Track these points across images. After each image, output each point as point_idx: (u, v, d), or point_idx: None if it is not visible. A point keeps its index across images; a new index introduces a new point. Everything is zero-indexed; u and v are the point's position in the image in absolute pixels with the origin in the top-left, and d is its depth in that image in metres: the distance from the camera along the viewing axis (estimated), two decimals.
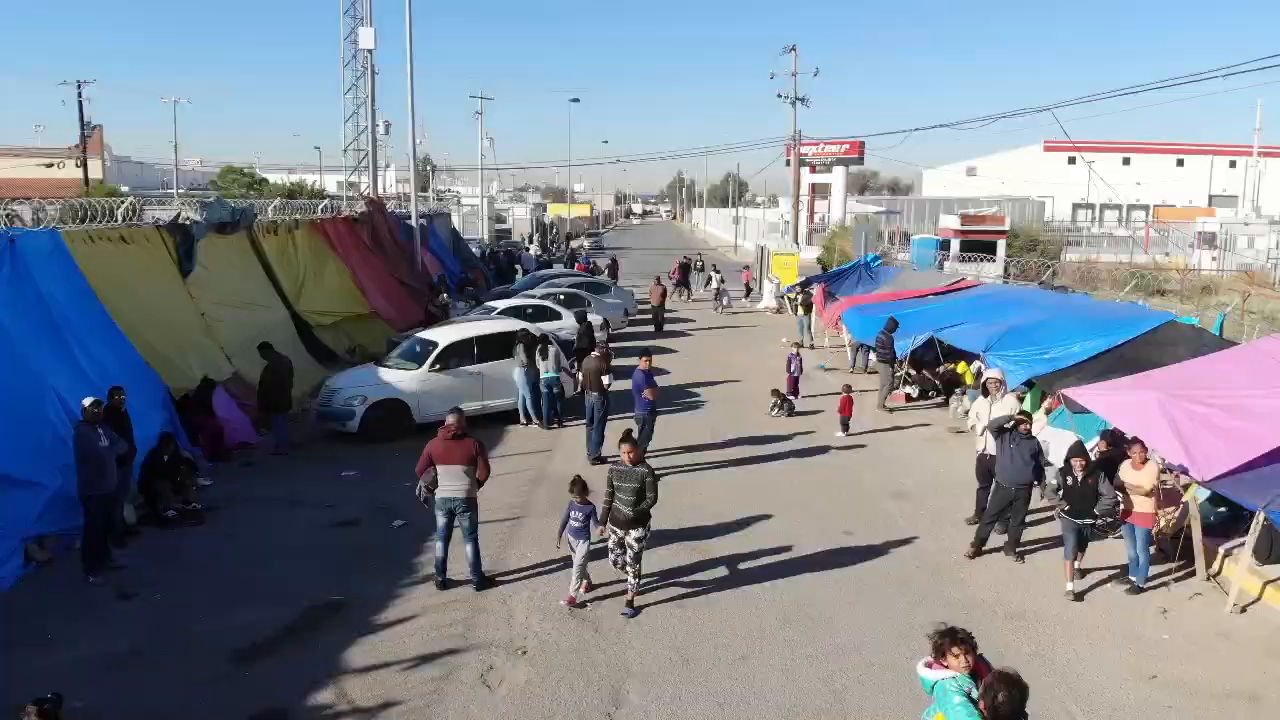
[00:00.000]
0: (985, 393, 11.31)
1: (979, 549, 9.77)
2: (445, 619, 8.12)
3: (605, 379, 13.41)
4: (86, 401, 9.53)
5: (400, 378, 14.58)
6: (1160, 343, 13.70)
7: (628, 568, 8.50)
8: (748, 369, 20.28)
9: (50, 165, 62.71)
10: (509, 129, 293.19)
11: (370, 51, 37.67)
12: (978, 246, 36.47)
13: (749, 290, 34.91)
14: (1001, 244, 37.42)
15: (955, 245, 37.01)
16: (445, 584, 8.81)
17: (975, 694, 4.28)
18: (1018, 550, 9.79)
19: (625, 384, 13.69)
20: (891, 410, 16.54)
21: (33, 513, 9.86)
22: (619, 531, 8.44)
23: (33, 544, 9.71)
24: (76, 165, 55.84)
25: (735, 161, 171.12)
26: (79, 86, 55.66)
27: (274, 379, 13.72)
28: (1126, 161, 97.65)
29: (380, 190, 35.88)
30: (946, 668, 4.48)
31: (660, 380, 15.50)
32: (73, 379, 11.50)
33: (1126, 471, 9.19)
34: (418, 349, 15.26)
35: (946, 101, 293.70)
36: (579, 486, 8.63)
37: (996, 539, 10.01)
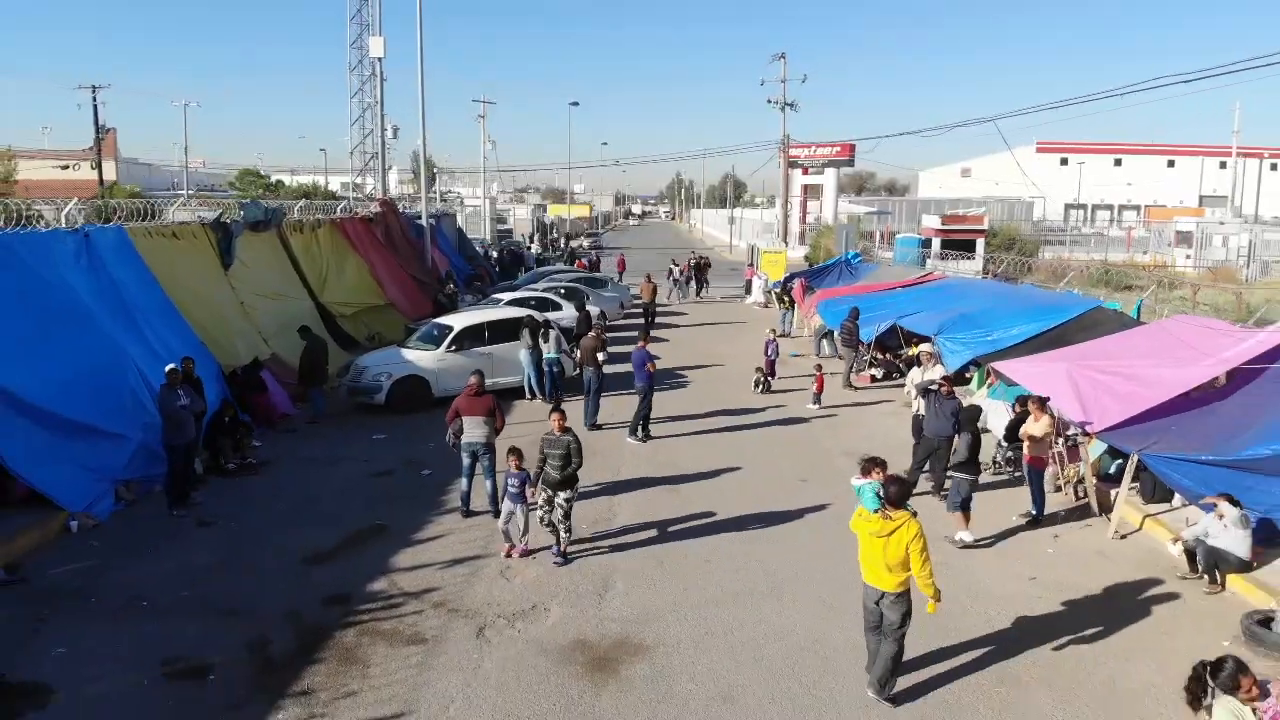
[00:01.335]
0: (919, 363, 13.25)
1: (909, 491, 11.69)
2: (470, 537, 10.06)
3: (600, 356, 15.35)
4: (168, 368, 11.49)
5: (421, 357, 16.54)
6: (1087, 325, 15.64)
7: (557, 525, 9.47)
8: (731, 355, 22.19)
9: (66, 167, 64.69)
10: (510, 130, 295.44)
11: (380, 60, 39.53)
12: (957, 245, 38.33)
13: (749, 287, 36.76)
14: (980, 242, 39.29)
15: (936, 244, 38.91)
16: (468, 513, 10.74)
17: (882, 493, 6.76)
18: (941, 492, 11.72)
19: (624, 367, 15.58)
20: (857, 389, 18.48)
21: (121, 460, 11.83)
22: (549, 491, 9.43)
23: (121, 486, 11.65)
24: (91, 167, 57.83)
25: (731, 163, 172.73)
26: (94, 91, 57.66)
27: (312, 356, 15.67)
28: (1118, 163, 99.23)
29: (384, 192, 37.80)
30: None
31: None
32: (144, 353, 13.46)
33: (1028, 423, 11.13)
34: (435, 332, 17.23)
35: (944, 102, 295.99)
36: (516, 454, 9.65)
37: (926, 485, 11.96)
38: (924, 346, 13.59)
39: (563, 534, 9.58)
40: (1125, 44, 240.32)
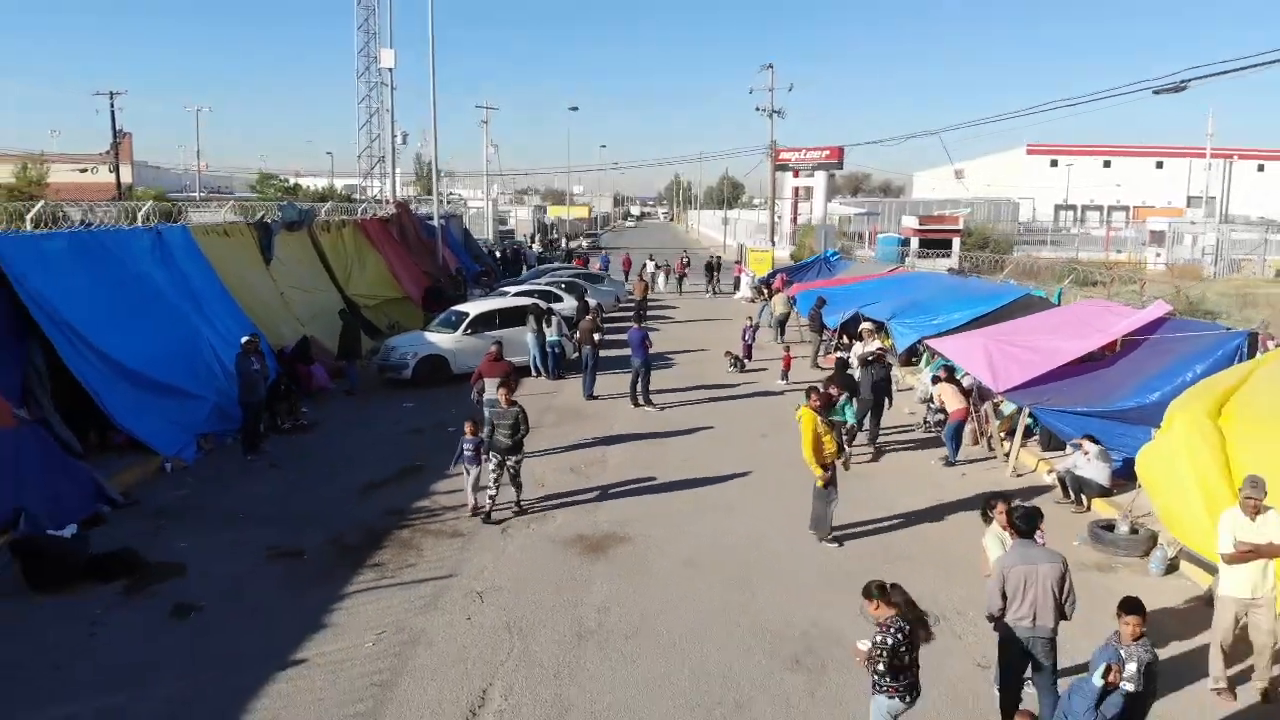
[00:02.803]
0: (861, 339, 15.75)
1: (851, 440, 14.19)
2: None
3: (596, 336, 17.86)
4: (244, 339, 13.99)
5: (441, 339, 19.07)
6: (1017, 309, 18.13)
7: (509, 484, 10.90)
8: (716, 343, 24.61)
9: (84, 170, 67.19)
10: (510, 133, 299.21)
11: (390, 70, 41.92)
12: (935, 244, 40.91)
13: (738, 283, 39.26)
14: (956, 241, 41.86)
15: (915, 243, 41.48)
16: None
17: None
18: (876, 443, 14.22)
19: (618, 351, 18.04)
20: (823, 369, 20.95)
21: (200, 417, 14.34)
22: (499, 456, 10.79)
23: (201, 438, 14.13)
24: (110, 170, 60.35)
25: (725, 165, 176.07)
26: (111, 97, 60.18)
27: (350, 334, 18.23)
28: (1107, 164, 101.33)
29: (393, 194, 40.24)
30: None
31: None
32: (211, 332, 15.99)
33: (943, 386, 13.63)
34: (453, 318, 19.77)
35: (939, 102, 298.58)
36: (472, 422, 11.24)
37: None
38: (865, 325, 16.09)
39: (513, 494, 11.10)
40: (1121, 44, 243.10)
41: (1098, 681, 5.30)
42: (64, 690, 7.21)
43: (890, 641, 5.48)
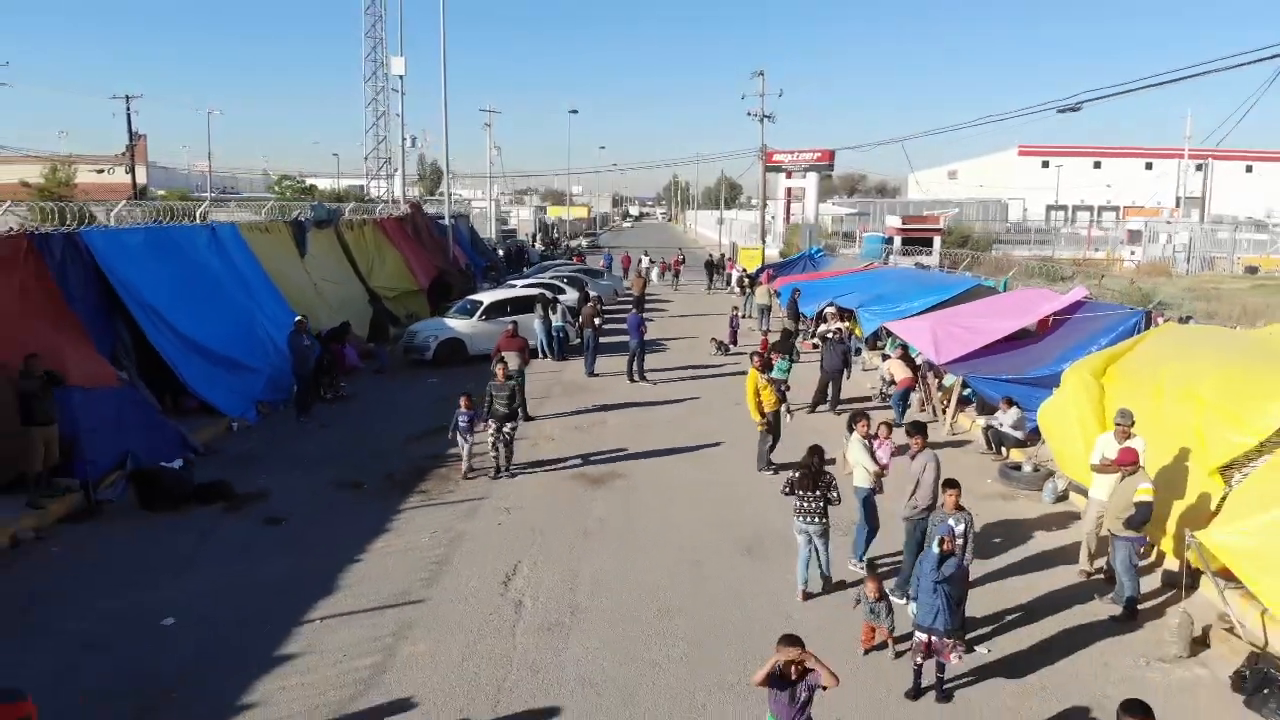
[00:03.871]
0: (824, 321, 18.16)
1: (814, 408, 16.63)
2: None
3: (596, 320, 20.28)
4: (296, 319, 16.40)
5: (459, 324, 21.49)
6: (968, 298, 20.55)
7: (502, 448, 12.51)
8: (706, 331, 26.99)
9: (101, 171, 69.59)
10: (511, 134, 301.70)
11: (401, 77, 44.33)
12: (917, 242, 43.24)
13: (729, 279, 41.65)
14: (937, 240, 44.21)
15: (898, 241, 43.82)
16: None
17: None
18: (837, 409, 16.63)
19: (617, 339, 20.44)
20: (799, 352, 23.36)
21: (258, 386, 16.75)
22: (496, 423, 12.47)
23: (258, 404, 16.51)
24: (125, 172, 62.72)
25: (722, 166, 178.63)
26: (127, 101, 62.60)
27: (379, 319, 20.66)
28: (1097, 165, 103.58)
29: (396, 193, 42.68)
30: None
31: None
32: (262, 315, 18.39)
33: (892, 361, 16.05)
34: (469, 306, 22.22)
35: (937, 102, 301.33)
36: (467, 397, 12.70)
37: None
38: (828, 309, 18.53)
39: (503, 457, 12.70)
40: (1120, 44, 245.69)
41: (936, 549, 7.28)
42: (196, 570, 9.60)
43: (792, 474, 8.82)
